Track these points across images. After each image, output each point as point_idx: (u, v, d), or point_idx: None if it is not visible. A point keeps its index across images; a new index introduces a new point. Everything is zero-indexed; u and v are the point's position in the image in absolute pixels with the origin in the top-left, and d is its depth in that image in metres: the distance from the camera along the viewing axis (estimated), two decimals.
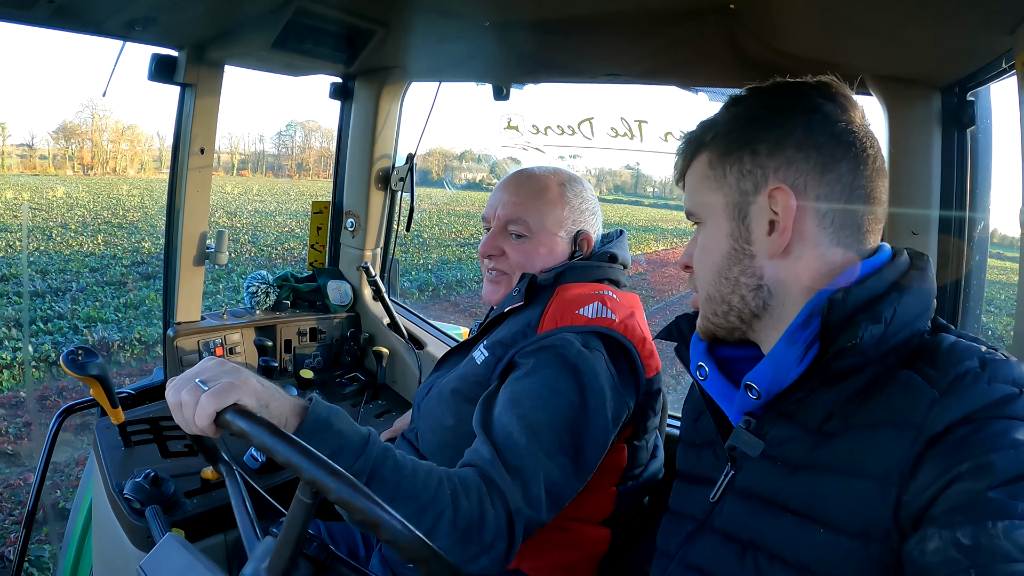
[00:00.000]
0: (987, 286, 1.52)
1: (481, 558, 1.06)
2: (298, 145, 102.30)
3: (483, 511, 1.06)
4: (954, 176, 1.44)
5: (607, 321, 1.32)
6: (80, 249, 15.25)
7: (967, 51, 1.28)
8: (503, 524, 1.07)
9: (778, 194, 0.89)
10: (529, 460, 1.12)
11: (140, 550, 1.47)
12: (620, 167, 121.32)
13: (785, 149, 0.90)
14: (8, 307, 9.74)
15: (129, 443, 1.74)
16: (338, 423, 1.03)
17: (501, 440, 1.15)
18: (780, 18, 1.34)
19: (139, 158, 78.22)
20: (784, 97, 0.94)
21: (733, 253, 0.94)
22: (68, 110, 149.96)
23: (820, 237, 0.90)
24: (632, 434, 1.38)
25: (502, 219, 1.51)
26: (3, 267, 12.26)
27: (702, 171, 0.98)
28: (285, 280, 2.56)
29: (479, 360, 1.40)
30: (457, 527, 1.03)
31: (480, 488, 1.08)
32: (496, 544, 1.06)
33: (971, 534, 0.67)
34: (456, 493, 1.05)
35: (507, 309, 1.44)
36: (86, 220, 21.03)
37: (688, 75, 1.91)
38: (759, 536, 0.89)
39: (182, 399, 0.93)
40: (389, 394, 2.47)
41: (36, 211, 22.92)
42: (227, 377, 0.95)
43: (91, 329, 8.86)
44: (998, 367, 0.77)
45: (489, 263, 1.54)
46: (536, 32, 1.70)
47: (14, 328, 8.55)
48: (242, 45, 1.87)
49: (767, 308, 0.94)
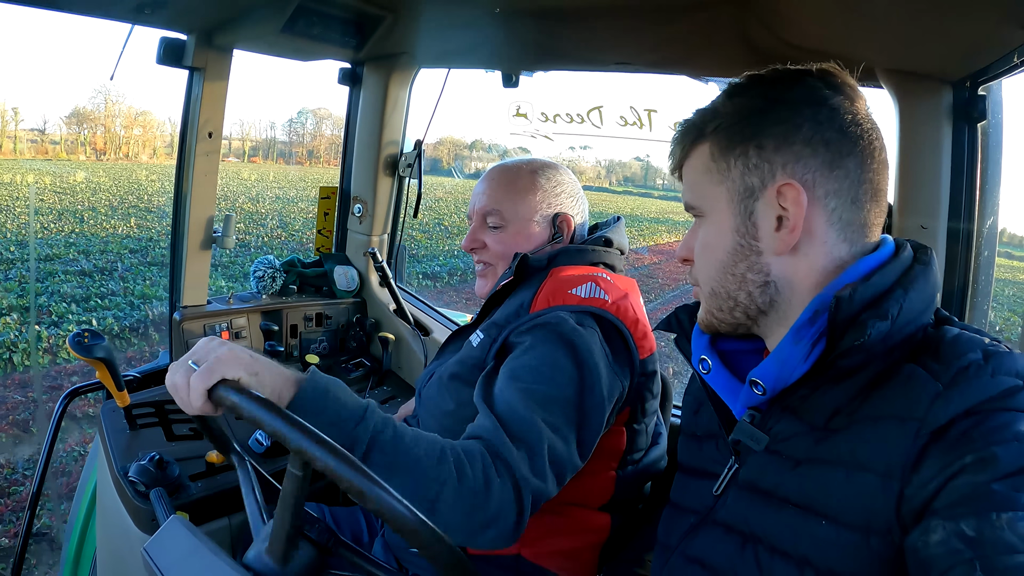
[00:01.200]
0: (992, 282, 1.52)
1: (488, 529, 1.05)
2: (309, 132, 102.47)
3: (488, 479, 1.05)
4: (964, 170, 1.43)
5: (599, 301, 1.33)
6: (115, 231, 15.89)
7: (979, 45, 1.27)
8: (510, 493, 1.06)
9: (787, 190, 0.88)
10: (534, 432, 1.12)
11: (144, 533, 1.47)
12: (630, 159, 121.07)
13: (793, 144, 0.88)
14: (64, 284, 10.25)
15: (134, 426, 1.75)
16: (336, 392, 1.03)
17: (504, 412, 1.15)
18: (791, 9, 1.33)
19: (152, 144, 78.84)
20: (789, 88, 0.91)
21: (739, 249, 0.93)
22: (81, 96, 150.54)
23: (828, 233, 0.89)
24: (631, 416, 1.39)
25: (479, 212, 1.55)
26: (45, 247, 12.97)
27: (703, 163, 0.96)
28: (292, 265, 2.56)
29: (475, 343, 1.41)
30: (462, 496, 1.02)
31: (484, 457, 1.08)
32: (504, 514, 1.06)
33: (974, 525, 0.67)
34: (460, 462, 1.05)
35: (500, 286, 1.45)
36: (113, 204, 21.94)
37: (698, 65, 1.89)
38: (761, 529, 0.89)
39: (176, 381, 0.96)
40: (395, 380, 2.48)
41: (60, 194, 23.81)
42: (215, 353, 0.96)
43: (149, 305, 9.40)
44: (1001, 359, 0.77)
45: (475, 257, 1.58)
46: (546, 20, 1.69)
47: (73, 304, 9.20)
48: (251, 29, 1.87)
49: (774, 304, 0.93)
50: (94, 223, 17.00)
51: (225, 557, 0.83)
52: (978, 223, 1.44)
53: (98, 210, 19.96)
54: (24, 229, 15.60)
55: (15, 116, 69.74)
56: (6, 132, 68.23)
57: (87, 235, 15.17)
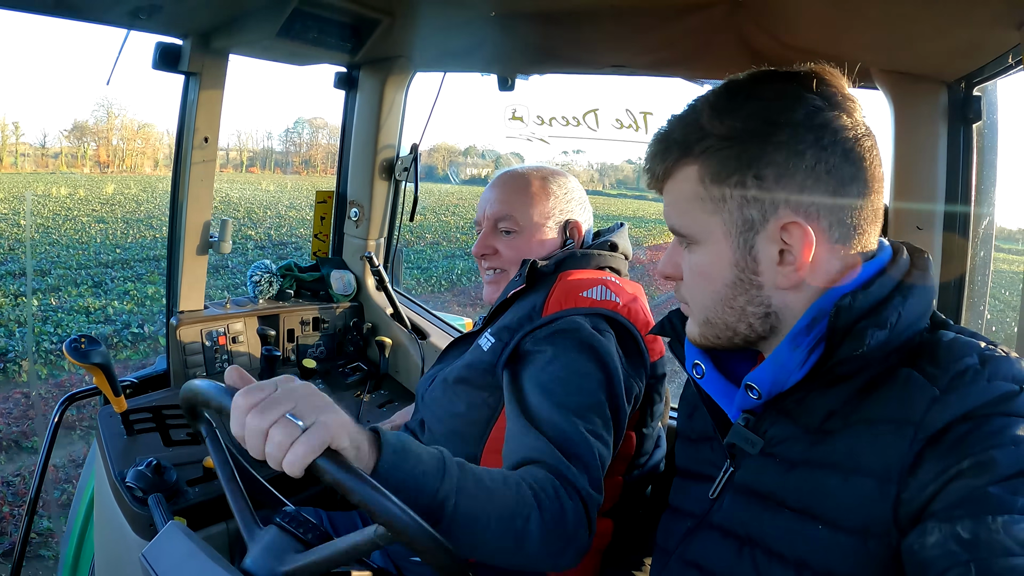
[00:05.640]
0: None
1: (568, 550, 1.05)
2: (306, 142, 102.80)
3: (562, 503, 1.04)
4: (959, 171, 1.44)
5: (611, 304, 1.34)
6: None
7: (974, 46, 1.27)
8: (581, 512, 1.06)
9: (793, 228, 0.84)
10: (584, 446, 1.13)
11: (142, 538, 1.47)
12: (622, 162, 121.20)
13: (795, 175, 0.84)
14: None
15: (132, 431, 1.74)
16: (411, 446, 0.95)
17: (551, 432, 1.14)
18: (786, 10, 1.34)
19: (155, 156, 79.31)
20: (789, 108, 0.85)
21: (739, 283, 0.90)
22: (83, 109, 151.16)
23: (830, 258, 0.86)
24: (640, 420, 1.39)
25: (491, 218, 1.55)
26: (147, 250, 14.88)
27: (692, 188, 0.90)
28: (288, 269, 2.56)
29: (485, 347, 1.40)
30: (546, 524, 1.01)
31: (553, 482, 1.07)
32: (579, 533, 1.05)
33: (971, 528, 0.67)
34: (536, 492, 1.03)
35: (511, 294, 1.45)
36: (137, 214, 23.16)
37: (694, 67, 1.89)
38: (758, 532, 0.89)
39: (273, 437, 0.80)
40: (392, 384, 2.48)
41: (104, 205, 25.85)
42: (324, 415, 0.82)
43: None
44: (998, 364, 0.77)
45: (485, 263, 1.57)
46: (542, 23, 1.70)
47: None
48: (247, 33, 1.86)
49: (774, 330, 0.92)
50: (136, 231, 18.25)
51: (223, 562, 0.83)
52: (973, 223, 1.44)
53: (156, 216, 21.76)
54: (82, 232, 17.38)
55: (16, 130, 70.34)
56: (6, 147, 68.83)
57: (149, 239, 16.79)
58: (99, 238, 16.65)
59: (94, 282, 11.38)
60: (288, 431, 0.79)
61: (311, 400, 0.83)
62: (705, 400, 1.02)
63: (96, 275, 11.91)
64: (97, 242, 15.94)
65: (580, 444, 1.13)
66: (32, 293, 10.29)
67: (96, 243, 15.76)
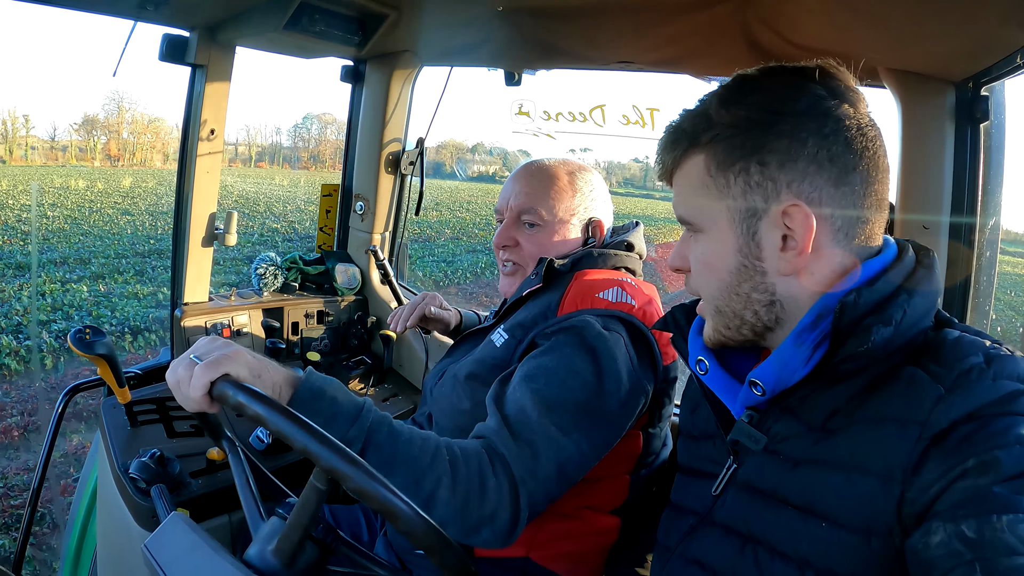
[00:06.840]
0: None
1: (483, 529, 1.05)
2: (314, 137, 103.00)
3: (483, 478, 1.05)
4: (966, 171, 1.43)
5: (627, 306, 1.32)
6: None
7: (982, 46, 1.27)
8: (506, 494, 1.06)
9: (794, 211, 0.85)
10: (541, 434, 1.12)
11: (145, 529, 1.47)
12: (628, 160, 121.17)
13: (797, 161, 0.85)
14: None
15: (135, 423, 1.75)
16: (332, 391, 1.04)
17: (512, 413, 1.15)
18: (793, 7, 1.33)
19: (165, 150, 79.79)
20: (792, 98, 0.87)
21: (743, 270, 0.91)
22: (95, 102, 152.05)
23: (834, 248, 0.87)
24: (648, 421, 1.38)
25: (515, 210, 1.52)
26: (143, 242, 15.04)
27: (699, 177, 0.92)
28: (293, 262, 2.56)
29: (498, 343, 1.39)
30: (456, 494, 1.03)
31: (481, 456, 1.08)
32: (499, 514, 1.05)
33: (975, 527, 0.67)
34: (455, 460, 1.05)
35: (525, 293, 1.44)
36: (160, 207, 23.20)
37: (700, 64, 1.89)
38: (760, 530, 0.89)
39: (179, 376, 0.96)
40: (395, 378, 2.48)
41: (125, 197, 26.24)
42: (219, 351, 0.97)
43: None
44: (1003, 363, 0.77)
45: (504, 255, 1.55)
46: (548, 18, 1.69)
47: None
48: (254, 26, 1.86)
49: (780, 321, 0.92)
50: (166, 223, 18.19)
51: (225, 554, 0.83)
52: (980, 223, 1.44)
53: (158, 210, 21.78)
54: (111, 224, 17.89)
55: (26, 123, 70.71)
56: (17, 140, 69.18)
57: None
58: (128, 229, 17.13)
59: (136, 271, 11.88)
60: (189, 368, 0.95)
61: (212, 343, 1.00)
62: (708, 396, 1.02)
63: (136, 264, 12.47)
64: (128, 233, 16.45)
65: (538, 432, 1.12)
66: (79, 280, 10.63)
67: (127, 234, 16.23)
